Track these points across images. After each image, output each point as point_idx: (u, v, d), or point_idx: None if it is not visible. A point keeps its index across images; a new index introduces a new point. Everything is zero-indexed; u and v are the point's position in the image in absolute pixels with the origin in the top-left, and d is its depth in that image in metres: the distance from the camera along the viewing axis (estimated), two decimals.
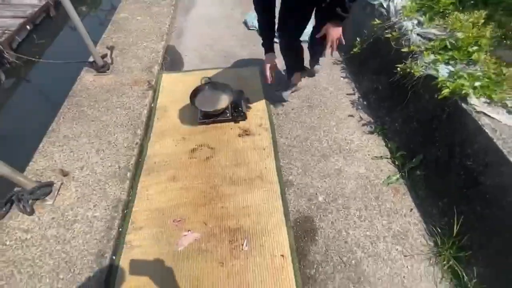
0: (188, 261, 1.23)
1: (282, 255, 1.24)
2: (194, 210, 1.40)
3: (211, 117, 1.76)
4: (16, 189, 1.35)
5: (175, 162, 1.60)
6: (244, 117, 1.78)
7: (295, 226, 1.34)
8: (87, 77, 2.04)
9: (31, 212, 1.32)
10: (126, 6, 2.82)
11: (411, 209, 1.37)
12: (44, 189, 1.36)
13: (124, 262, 1.23)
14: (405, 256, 1.22)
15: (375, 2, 1.95)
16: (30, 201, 1.33)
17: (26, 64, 4.16)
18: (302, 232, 1.31)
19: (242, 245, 1.28)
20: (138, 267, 1.22)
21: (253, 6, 1.45)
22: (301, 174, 1.53)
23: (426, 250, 1.23)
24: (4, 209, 1.32)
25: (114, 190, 1.43)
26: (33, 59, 4.00)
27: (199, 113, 1.76)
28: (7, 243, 1.24)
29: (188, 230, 1.32)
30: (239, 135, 1.72)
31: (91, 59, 2.11)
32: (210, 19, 2.81)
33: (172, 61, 2.30)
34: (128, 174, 1.49)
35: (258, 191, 1.46)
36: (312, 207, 1.40)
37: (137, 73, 2.07)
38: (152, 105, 1.92)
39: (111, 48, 2.24)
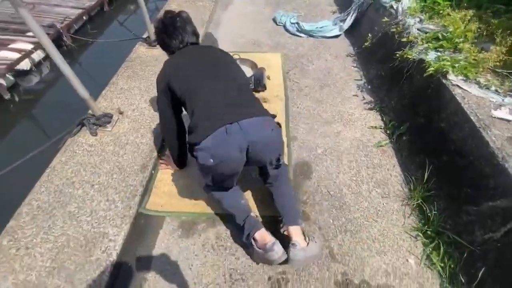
0: None
1: None
2: None
3: None
4: (86, 114, 1.79)
5: None
6: (264, 88, 2.14)
7: (296, 168, 1.65)
8: (141, 49, 2.52)
9: (95, 134, 1.75)
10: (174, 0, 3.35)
11: (394, 166, 1.63)
12: (107, 118, 1.79)
13: (159, 175, 1.61)
14: (382, 196, 1.48)
15: (387, 4, 2.27)
16: (95, 126, 1.76)
17: (80, 47, 4.87)
18: (300, 172, 1.62)
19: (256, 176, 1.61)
20: (169, 179, 1.59)
21: (280, 6, 1.81)
22: (305, 133, 1.85)
23: (400, 194, 1.49)
24: (76, 128, 1.76)
25: (157, 127, 1.83)
26: (90, 40, 4.68)
27: None
28: (77, 151, 1.67)
29: None
30: (258, 102, 2.07)
31: (145, 35, 2.61)
32: (243, 14, 3.26)
33: (208, 43, 2.73)
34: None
35: None
36: (311, 156, 1.70)
37: None
38: None
39: None
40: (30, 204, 1.41)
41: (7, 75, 4.08)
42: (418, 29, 1.89)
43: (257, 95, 2.12)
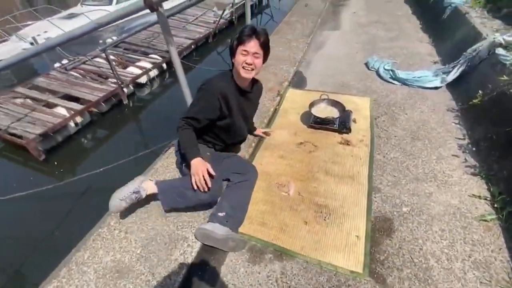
0: (281, 210, 1.62)
1: (357, 236, 1.46)
2: (293, 182, 1.80)
3: (320, 124, 2.19)
4: None
5: (286, 147, 2.07)
6: (348, 131, 2.12)
7: (375, 221, 1.54)
8: None
9: None
10: (273, 38, 3.72)
11: (500, 248, 1.35)
12: None
13: None
14: (481, 282, 1.23)
15: (507, 61, 2.03)
16: None
17: (184, 70, 5.74)
18: (380, 227, 1.50)
19: (325, 217, 1.57)
20: None
21: (375, 52, 1.85)
22: (390, 186, 1.72)
23: (506, 285, 1.21)
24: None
25: (242, 151, 2.00)
26: (193, 65, 5.51)
27: (311, 118, 2.22)
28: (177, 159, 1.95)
29: (287, 192, 1.72)
30: (340, 143, 2.06)
31: None
32: (335, 56, 3.37)
33: (298, 81, 2.91)
34: (253, 145, 2.06)
35: (347, 186, 1.75)
36: (395, 213, 1.57)
37: (272, 84, 2.75)
38: (277, 107, 2.51)
39: None
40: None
41: (130, 85, 5.14)
42: None
43: (340, 137, 2.11)
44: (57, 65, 5.48)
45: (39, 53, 1.82)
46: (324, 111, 2.23)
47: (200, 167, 1.39)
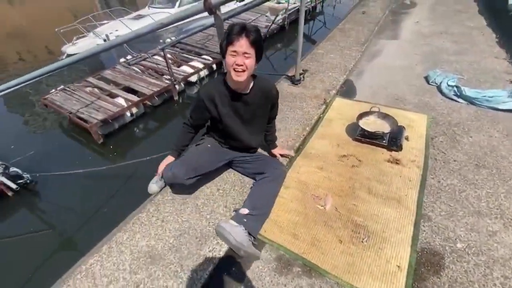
0: (315, 224, 1.54)
1: (398, 266, 1.31)
2: (330, 196, 1.70)
3: (368, 138, 2.04)
4: None
5: (326, 158, 1.98)
6: (399, 149, 1.95)
7: (421, 253, 1.37)
8: (284, 84, 2.84)
9: None
10: (324, 45, 3.64)
11: None
12: None
13: None
14: None
15: None
16: None
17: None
18: (427, 261, 1.33)
19: (363, 238, 1.45)
20: (277, 209, 1.64)
21: (438, 65, 1.64)
22: (444, 216, 1.52)
23: None
24: None
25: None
26: None
27: (358, 130, 2.09)
28: None
29: (323, 205, 1.64)
30: (388, 161, 1.90)
31: (290, 74, 2.93)
32: (390, 67, 3.14)
33: (347, 90, 2.78)
34: (292, 151, 2.00)
35: (391, 209, 1.59)
36: (447, 247, 1.37)
37: (318, 91, 2.67)
38: (321, 115, 2.42)
39: (305, 71, 3.00)
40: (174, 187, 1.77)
41: (181, 83, 5.47)
42: None
43: (388, 154, 1.95)
44: (122, 60, 6.10)
45: (111, 48, 2.04)
46: (373, 124, 2.08)
47: (163, 162, 1.71)
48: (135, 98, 4.77)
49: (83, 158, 4.16)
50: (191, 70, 5.67)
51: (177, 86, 5.28)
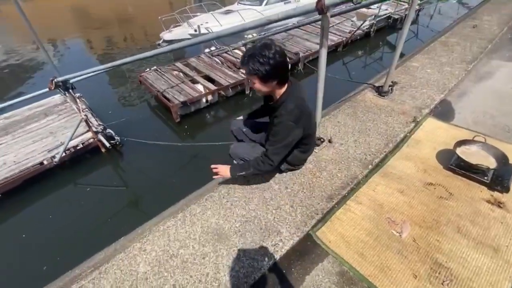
0: (386, 249, 1.42)
1: None
2: (409, 224, 1.54)
3: (465, 170, 1.77)
4: None
5: (409, 182, 1.79)
6: (504, 190, 1.64)
7: None
8: (368, 94, 2.67)
9: None
10: (420, 58, 3.28)
11: None
12: (318, 141, 2.03)
13: (340, 213, 1.62)
14: None
15: None
16: None
17: (306, 74, 5.81)
18: None
19: (444, 281, 1.27)
20: (347, 222, 1.56)
21: None
22: None
23: None
24: None
25: (355, 169, 1.86)
26: (315, 69, 5.49)
27: (454, 159, 1.83)
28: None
29: (399, 232, 1.49)
30: (489, 201, 1.61)
31: (377, 84, 2.73)
32: (503, 93, 2.65)
33: (442, 112, 2.45)
34: (369, 167, 1.88)
35: (485, 258, 1.35)
36: None
37: (408, 107, 2.43)
38: (408, 134, 2.20)
39: (394, 83, 2.76)
40: (244, 177, 1.84)
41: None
42: None
43: (489, 194, 1.65)
44: (206, 50, 6.62)
45: (205, 41, 2.19)
46: (474, 156, 1.79)
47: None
48: (212, 87, 5.14)
49: (161, 132, 4.69)
50: None
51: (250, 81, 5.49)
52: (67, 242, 2.89)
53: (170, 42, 6.80)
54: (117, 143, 4.24)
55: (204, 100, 5.08)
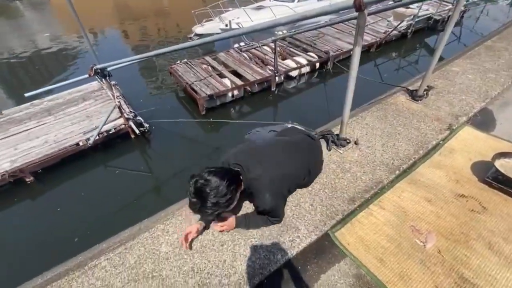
0: (408, 258, 1.37)
1: None
2: (434, 235, 1.47)
3: (503, 184, 1.65)
4: (330, 130, 2.08)
5: (438, 191, 1.70)
6: None
7: None
8: (401, 97, 2.56)
9: (329, 149, 2.00)
10: (461, 62, 3.07)
11: None
12: (344, 142, 2.00)
13: (361, 216, 1.58)
14: None
15: None
16: (332, 143, 2.01)
17: (335, 73, 5.67)
18: None
19: None
20: (368, 226, 1.52)
21: None
22: None
23: None
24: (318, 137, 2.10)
25: (381, 173, 1.80)
26: (345, 70, 5.35)
27: (491, 172, 1.71)
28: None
29: (423, 242, 1.43)
30: None
31: (412, 88, 2.61)
32: None
33: (482, 121, 2.29)
34: (396, 172, 1.81)
35: None
36: None
37: (443, 114, 2.29)
38: (441, 142, 2.08)
39: (430, 88, 2.61)
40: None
41: (282, 76, 5.62)
42: None
43: None
44: (236, 45, 6.69)
45: (236, 35, 2.21)
46: None
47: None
48: (239, 82, 5.19)
49: (186, 122, 4.85)
50: (294, 65, 5.75)
51: (277, 78, 5.46)
52: (96, 218, 3.11)
53: (201, 36, 6.95)
54: (146, 130, 4.45)
55: (230, 94, 5.15)
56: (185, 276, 1.32)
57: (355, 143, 2.04)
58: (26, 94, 3.39)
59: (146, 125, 4.42)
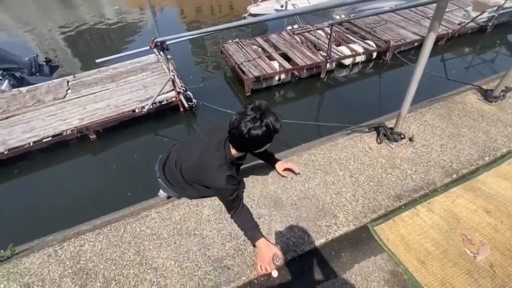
0: (453, 265, 1.28)
1: None
2: (488, 247, 1.34)
3: None
4: (383, 123, 1.96)
5: (500, 203, 1.53)
6: None
7: None
8: (470, 96, 2.28)
9: (380, 142, 1.90)
10: None
11: None
12: (397, 137, 1.87)
13: (406, 215, 1.50)
14: None
15: None
16: (385, 136, 1.91)
17: (395, 65, 5.21)
18: None
19: None
20: (413, 229, 1.45)
21: None
22: None
23: None
24: (370, 129, 2.00)
25: (435, 174, 1.67)
26: (407, 63, 4.90)
27: None
28: (357, 146, 1.92)
29: (473, 252, 1.33)
30: None
31: (484, 87, 2.31)
32: None
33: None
34: (453, 176, 1.66)
35: None
36: None
37: None
38: None
39: (509, 89, 2.28)
40: (312, 155, 1.85)
41: (334, 63, 5.36)
42: None
43: None
44: (289, 28, 6.52)
45: (289, 15, 2.15)
46: None
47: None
48: (287, 66, 5.10)
49: (231, 102, 4.98)
50: (348, 52, 5.44)
51: (328, 65, 5.24)
52: (146, 178, 3.44)
53: (255, 15, 6.91)
54: (194, 105, 4.68)
55: (276, 78, 5.11)
56: (223, 239, 1.42)
57: (410, 139, 1.90)
58: (97, 60, 3.78)
59: (195, 100, 4.65)
